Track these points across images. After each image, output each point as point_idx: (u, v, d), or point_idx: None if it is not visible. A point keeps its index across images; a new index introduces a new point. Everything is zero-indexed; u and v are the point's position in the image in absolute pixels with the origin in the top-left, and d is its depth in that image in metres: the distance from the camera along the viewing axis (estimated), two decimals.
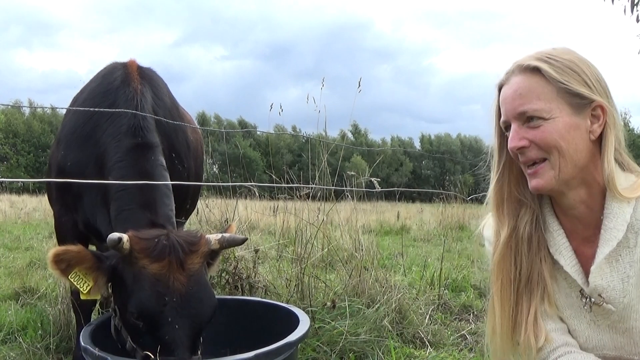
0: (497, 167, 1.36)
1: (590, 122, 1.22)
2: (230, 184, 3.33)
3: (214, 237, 1.87)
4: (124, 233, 1.72)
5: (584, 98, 1.21)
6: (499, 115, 1.32)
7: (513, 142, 1.23)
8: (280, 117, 3.27)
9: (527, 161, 1.24)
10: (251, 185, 3.42)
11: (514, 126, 1.24)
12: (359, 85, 3.32)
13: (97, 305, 2.65)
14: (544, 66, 1.22)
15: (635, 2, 8.15)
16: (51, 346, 2.50)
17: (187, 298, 1.70)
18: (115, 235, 1.68)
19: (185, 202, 2.67)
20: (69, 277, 1.73)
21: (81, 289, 1.74)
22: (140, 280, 1.70)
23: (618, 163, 1.25)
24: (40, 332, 2.70)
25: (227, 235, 1.91)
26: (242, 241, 1.97)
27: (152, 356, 1.60)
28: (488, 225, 1.48)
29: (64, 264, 1.74)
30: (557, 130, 1.20)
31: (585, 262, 1.28)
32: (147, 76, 2.47)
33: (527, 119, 1.22)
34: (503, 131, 1.32)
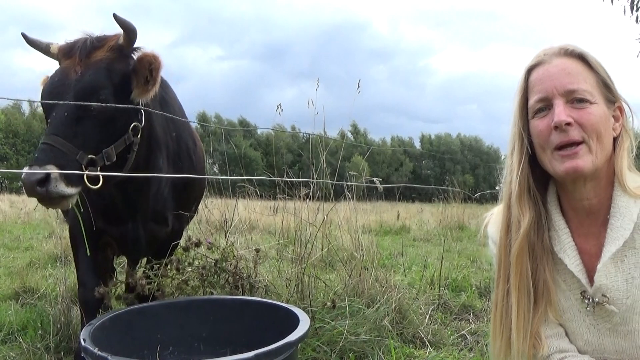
0: (520, 154, 1.31)
1: (613, 120, 1.27)
2: (228, 177, 3.32)
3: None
4: None
5: (613, 95, 1.27)
6: (525, 99, 1.30)
7: (561, 116, 1.20)
8: (279, 117, 3.27)
9: (567, 141, 1.21)
10: (248, 179, 3.42)
11: (559, 102, 1.22)
12: (359, 87, 3.31)
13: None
14: (588, 55, 1.26)
15: (635, 3, 8.15)
16: (51, 346, 2.50)
17: (74, 83, 1.90)
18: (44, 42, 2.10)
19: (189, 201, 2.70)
20: None
21: None
22: (52, 75, 1.99)
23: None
24: (40, 332, 2.70)
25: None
26: (132, 28, 2.01)
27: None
28: (492, 222, 1.46)
29: None
30: (599, 115, 1.23)
31: (588, 262, 1.28)
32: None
33: (573, 99, 1.22)
34: (526, 116, 1.30)
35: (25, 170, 1.71)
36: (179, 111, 2.61)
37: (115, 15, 1.96)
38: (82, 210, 2.13)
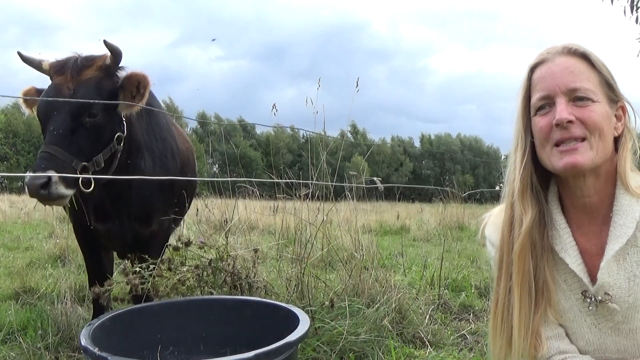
0: (523, 152, 1.31)
1: (615, 119, 1.28)
2: (225, 179, 3.32)
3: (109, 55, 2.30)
4: None
5: (616, 95, 1.28)
6: (527, 97, 1.31)
7: (563, 114, 1.21)
8: (278, 117, 3.28)
9: (568, 137, 1.22)
10: (245, 180, 3.45)
11: (561, 101, 1.23)
12: (357, 85, 3.31)
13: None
14: (591, 54, 1.27)
15: (635, 3, 8.15)
16: (51, 346, 2.50)
17: (67, 98, 2.12)
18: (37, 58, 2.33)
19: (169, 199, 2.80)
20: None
21: None
22: (46, 90, 2.23)
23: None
24: (40, 332, 2.70)
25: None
26: (118, 52, 2.28)
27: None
28: (490, 223, 1.47)
29: (30, 102, 2.35)
30: (601, 113, 1.23)
31: (589, 261, 1.28)
32: None
33: (575, 97, 1.23)
34: (529, 114, 1.31)
35: (29, 174, 1.98)
36: (163, 117, 2.86)
37: (105, 41, 2.24)
38: (76, 208, 2.41)
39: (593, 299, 1.26)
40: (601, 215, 1.28)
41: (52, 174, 1.98)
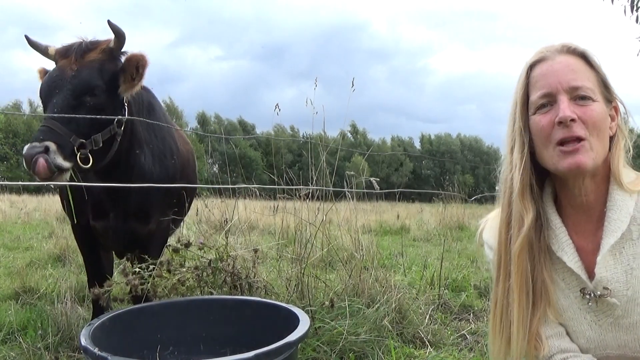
0: (522, 151, 1.30)
1: (610, 119, 1.29)
2: (222, 186, 3.33)
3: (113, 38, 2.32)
4: None
5: (611, 94, 1.29)
6: (526, 95, 1.30)
7: (566, 112, 1.20)
8: (278, 117, 3.29)
9: (570, 136, 1.21)
10: (245, 187, 3.47)
11: (563, 98, 1.22)
12: (352, 85, 3.32)
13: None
14: (589, 54, 1.27)
15: (635, 3, 8.15)
16: (51, 346, 2.50)
17: (69, 79, 2.17)
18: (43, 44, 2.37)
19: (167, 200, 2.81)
20: None
21: None
22: (50, 72, 2.27)
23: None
24: (40, 332, 2.70)
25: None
26: (122, 34, 2.31)
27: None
28: (488, 228, 1.47)
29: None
30: (601, 112, 1.24)
31: (585, 259, 1.29)
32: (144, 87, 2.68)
33: (577, 96, 1.23)
34: (527, 112, 1.30)
35: (26, 146, 1.97)
36: (163, 117, 2.90)
37: (109, 22, 2.24)
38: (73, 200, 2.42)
39: (592, 295, 1.27)
40: (597, 213, 1.29)
41: (50, 145, 2.00)
